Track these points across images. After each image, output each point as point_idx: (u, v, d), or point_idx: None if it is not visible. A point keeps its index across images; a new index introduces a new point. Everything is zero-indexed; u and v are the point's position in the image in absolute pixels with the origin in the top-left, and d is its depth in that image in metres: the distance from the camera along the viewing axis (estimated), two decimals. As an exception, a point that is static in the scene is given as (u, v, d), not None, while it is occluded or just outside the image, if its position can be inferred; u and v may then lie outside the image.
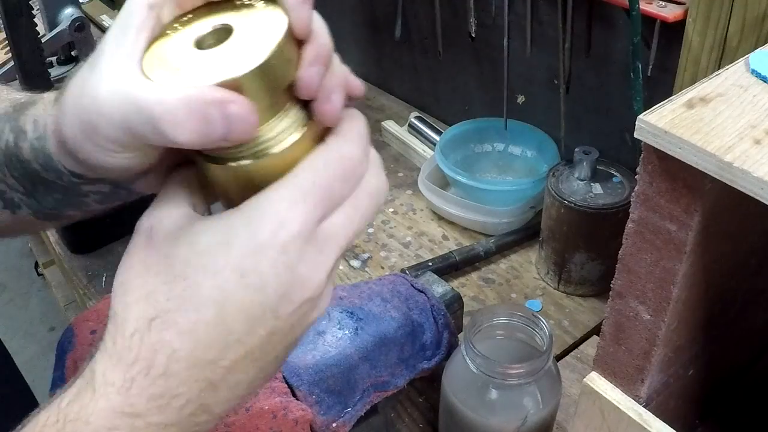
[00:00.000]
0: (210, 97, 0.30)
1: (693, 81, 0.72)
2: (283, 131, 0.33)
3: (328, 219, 0.34)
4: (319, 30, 0.34)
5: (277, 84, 0.32)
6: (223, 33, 0.33)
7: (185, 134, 0.31)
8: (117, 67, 0.32)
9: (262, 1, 0.34)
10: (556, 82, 0.98)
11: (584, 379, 0.52)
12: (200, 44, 0.33)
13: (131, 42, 0.33)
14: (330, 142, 0.34)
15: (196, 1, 0.35)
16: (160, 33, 0.34)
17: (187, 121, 0.30)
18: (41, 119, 0.40)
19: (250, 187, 0.33)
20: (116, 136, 0.33)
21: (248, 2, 0.34)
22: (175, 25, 0.35)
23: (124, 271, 0.34)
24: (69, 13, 1.25)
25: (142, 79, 0.32)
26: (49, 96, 0.42)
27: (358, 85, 0.36)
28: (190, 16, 0.35)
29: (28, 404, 0.78)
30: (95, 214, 0.47)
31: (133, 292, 0.34)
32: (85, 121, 0.34)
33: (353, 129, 0.35)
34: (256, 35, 0.32)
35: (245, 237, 0.32)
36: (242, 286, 0.33)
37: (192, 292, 0.33)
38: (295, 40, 0.33)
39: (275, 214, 0.32)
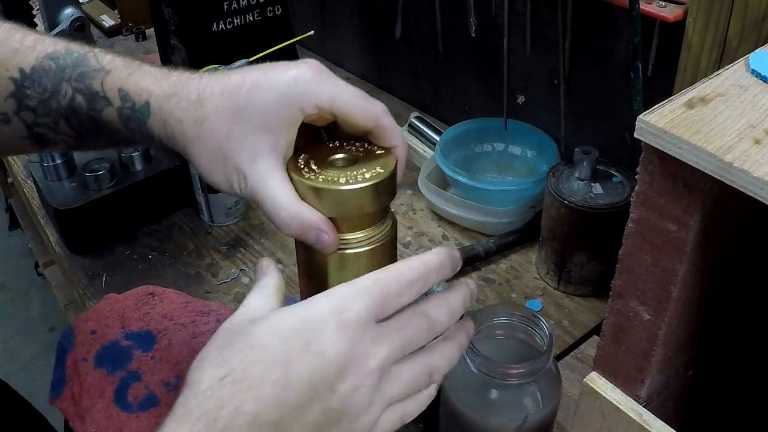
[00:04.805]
0: (312, 223, 0.44)
1: (693, 81, 0.72)
2: (360, 242, 0.47)
3: (386, 321, 0.41)
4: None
5: (377, 205, 0.48)
6: (351, 159, 0.49)
7: (289, 233, 0.45)
8: (272, 169, 0.46)
9: (380, 150, 0.51)
10: (556, 82, 0.98)
11: (584, 379, 0.52)
12: (334, 163, 0.49)
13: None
14: (400, 261, 0.44)
15: (349, 134, 0.50)
16: (310, 148, 0.50)
17: (293, 228, 0.45)
18: (135, 95, 0.48)
19: (333, 273, 0.47)
20: (240, 194, 0.47)
21: (376, 149, 0.51)
22: (323, 147, 0.50)
23: (203, 351, 0.39)
24: (69, 13, 1.25)
25: (284, 181, 0.46)
26: (126, 66, 0.49)
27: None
28: (336, 144, 0.51)
29: (18, 408, 0.77)
30: None
31: (209, 361, 0.38)
32: (221, 161, 0.47)
33: (414, 258, 0.44)
34: (372, 167, 0.48)
35: (313, 312, 0.39)
36: (306, 352, 0.38)
37: (262, 355, 0.37)
38: (394, 177, 0.49)
39: (339, 297, 0.40)
